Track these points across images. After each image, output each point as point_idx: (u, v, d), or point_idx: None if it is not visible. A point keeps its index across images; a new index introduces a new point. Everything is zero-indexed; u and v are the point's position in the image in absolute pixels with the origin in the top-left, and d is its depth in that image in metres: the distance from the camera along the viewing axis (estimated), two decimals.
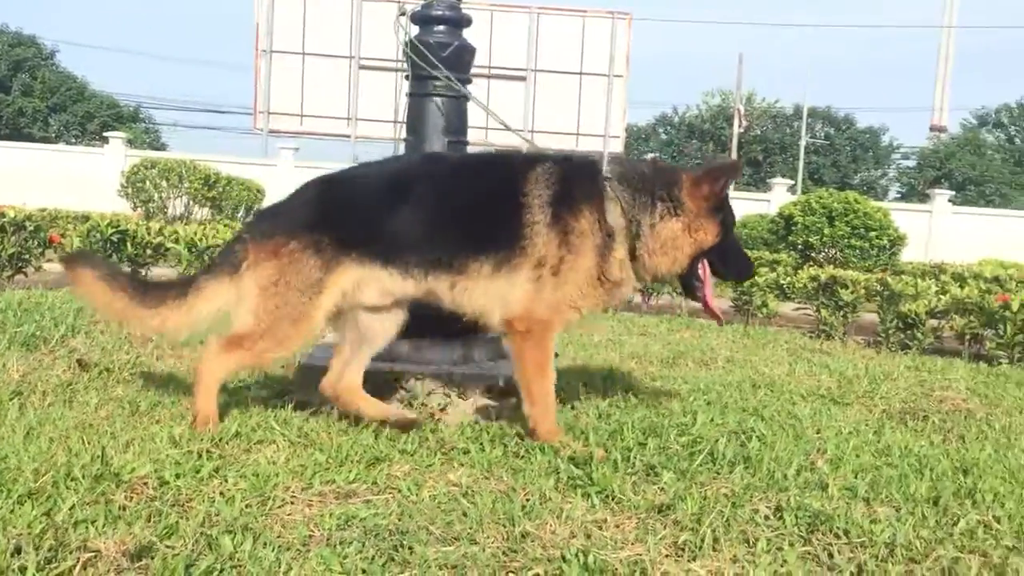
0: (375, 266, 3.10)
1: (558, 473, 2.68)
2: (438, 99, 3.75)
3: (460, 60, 3.76)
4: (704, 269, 3.23)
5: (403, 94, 3.87)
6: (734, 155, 39.86)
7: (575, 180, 3.14)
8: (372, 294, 3.16)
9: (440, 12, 3.76)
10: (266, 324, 3.04)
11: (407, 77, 3.82)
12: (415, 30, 3.78)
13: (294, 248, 3.05)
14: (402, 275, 3.10)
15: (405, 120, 3.82)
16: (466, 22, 3.85)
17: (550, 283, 3.04)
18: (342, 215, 3.15)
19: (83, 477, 2.34)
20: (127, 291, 3.19)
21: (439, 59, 3.71)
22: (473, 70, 3.91)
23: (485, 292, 3.07)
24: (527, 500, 2.45)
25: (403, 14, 3.81)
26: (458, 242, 3.10)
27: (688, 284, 3.27)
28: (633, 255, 3.14)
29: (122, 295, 3.18)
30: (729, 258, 3.29)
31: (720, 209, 3.18)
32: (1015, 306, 5.83)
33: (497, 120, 3.87)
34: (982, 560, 2.21)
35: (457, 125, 3.80)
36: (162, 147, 41.03)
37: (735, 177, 3.59)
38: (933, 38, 52.19)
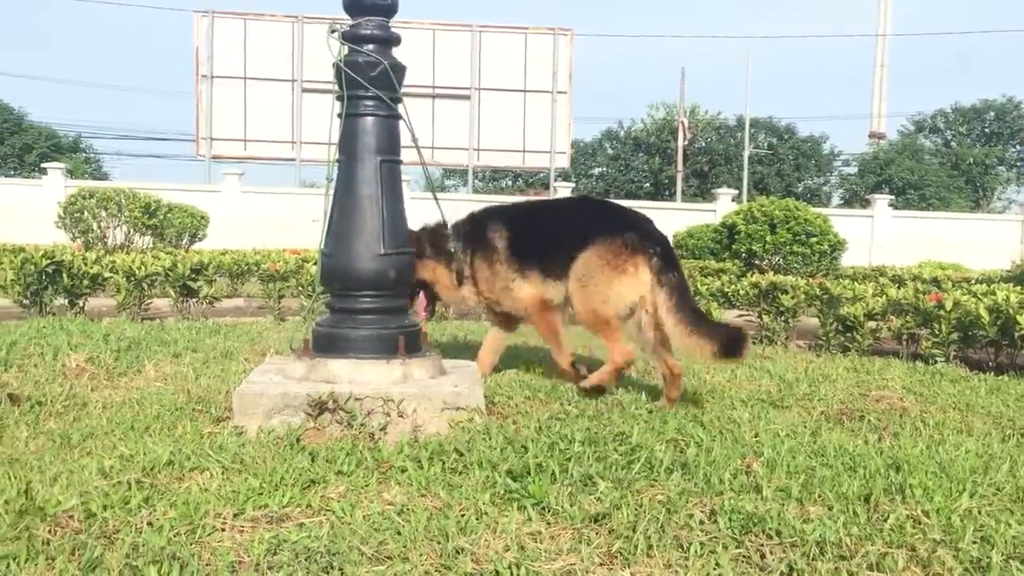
0: None
1: (495, 487, 2.67)
2: (369, 118, 3.75)
3: (390, 78, 3.76)
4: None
5: (336, 114, 3.86)
6: (680, 167, 40.33)
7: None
8: None
9: (369, 31, 3.76)
10: None
11: (338, 97, 3.81)
12: (345, 49, 3.77)
13: None
14: None
15: (337, 140, 3.81)
16: (396, 41, 3.85)
17: None
18: None
19: (6, 512, 2.29)
20: None
21: (369, 78, 3.71)
22: (418, 89, 3.92)
23: None
24: (462, 516, 2.44)
25: (334, 31, 3.81)
26: None
27: None
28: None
29: None
30: None
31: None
32: (949, 305, 5.96)
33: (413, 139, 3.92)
34: (910, 554, 2.25)
35: (389, 144, 3.79)
36: (104, 177, 40.36)
37: None
38: (869, 47, 53.35)
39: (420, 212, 4.51)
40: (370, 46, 3.76)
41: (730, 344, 3.95)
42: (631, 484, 2.72)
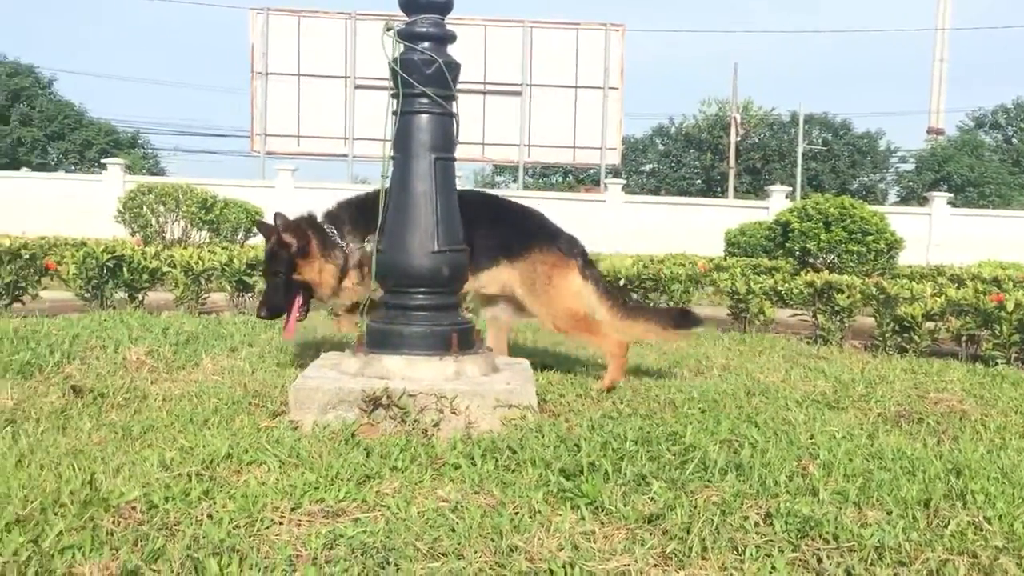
0: None
1: (548, 485, 2.68)
2: (424, 116, 3.77)
3: (445, 77, 3.78)
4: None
5: (391, 111, 3.89)
6: (732, 163, 39.92)
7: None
8: None
9: (424, 29, 3.78)
10: None
11: (393, 95, 3.84)
12: (400, 47, 3.79)
13: None
14: None
15: (392, 138, 3.83)
16: (451, 38, 3.87)
17: None
18: None
19: (71, 503, 2.35)
20: None
21: (424, 76, 3.73)
22: (469, 86, 3.93)
23: None
24: (516, 514, 2.45)
25: (389, 30, 3.83)
26: None
27: None
28: None
29: None
30: None
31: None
32: (1010, 306, 5.83)
33: None
34: (971, 561, 2.21)
35: (443, 142, 3.81)
36: (161, 172, 41.27)
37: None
38: (928, 41, 52.22)
39: None
40: (425, 44, 3.78)
41: (681, 319, 4.60)
42: (685, 485, 2.70)
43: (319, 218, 4.34)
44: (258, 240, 14.14)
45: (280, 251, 4.14)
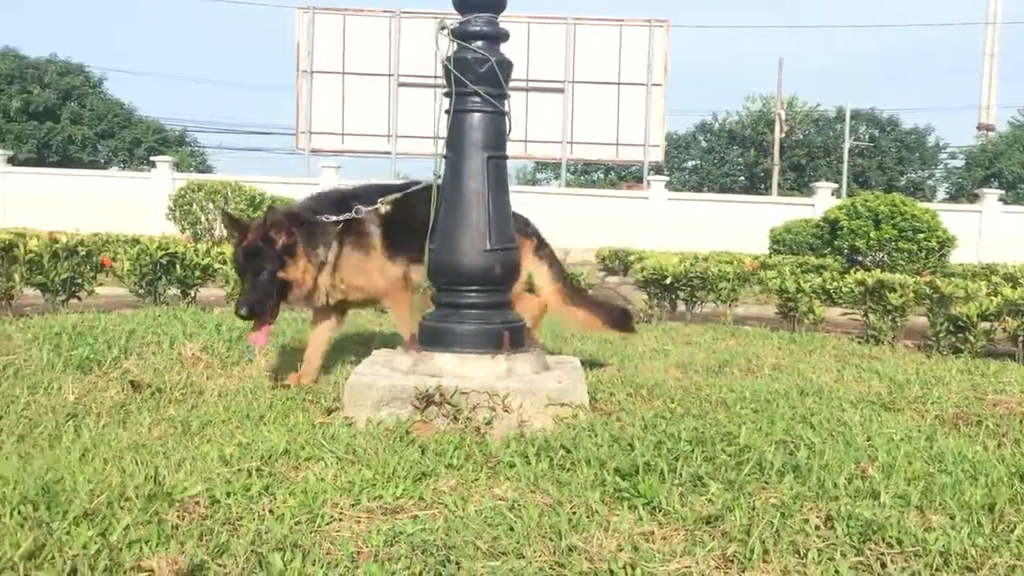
0: None
1: (604, 485, 2.67)
2: (477, 115, 3.78)
3: (497, 76, 3.78)
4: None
5: (443, 110, 3.90)
6: (776, 160, 39.49)
7: None
8: None
9: (478, 28, 3.78)
10: None
11: (446, 94, 3.85)
12: (453, 46, 3.80)
13: None
14: None
15: (445, 136, 3.84)
16: (504, 37, 3.87)
17: None
18: None
19: (136, 497, 2.39)
20: None
21: (477, 75, 3.74)
22: (512, 83, 3.92)
23: None
24: (573, 513, 2.44)
25: (444, 28, 3.84)
26: None
27: None
28: None
29: None
30: None
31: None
32: None
33: None
34: None
35: (495, 140, 3.82)
36: (208, 169, 41.79)
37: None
38: (978, 35, 51.23)
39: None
40: (479, 43, 3.78)
41: (622, 319, 4.73)
42: (742, 486, 2.68)
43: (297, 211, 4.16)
44: None
45: (265, 248, 3.90)
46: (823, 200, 22.35)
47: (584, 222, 21.98)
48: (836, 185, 27.86)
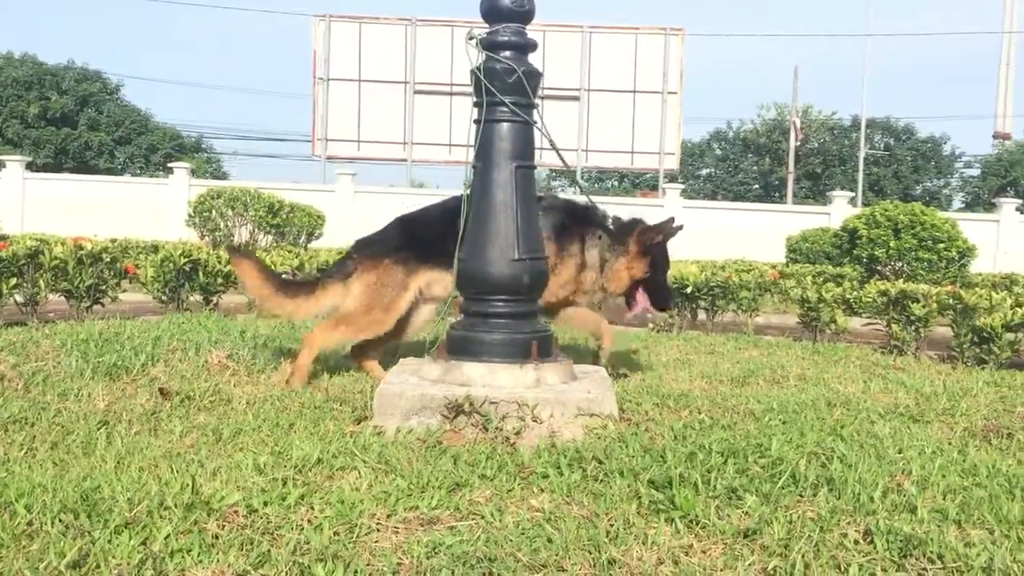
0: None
1: (639, 497, 2.66)
2: (505, 125, 3.78)
3: (525, 86, 3.79)
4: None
5: (472, 120, 3.90)
6: (791, 168, 39.40)
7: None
8: (439, 290, 4.43)
9: (506, 38, 3.79)
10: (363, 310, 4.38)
11: (475, 104, 3.86)
12: (482, 56, 3.81)
13: (388, 262, 4.42)
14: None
15: (474, 146, 3.85)
16: (532, 47, 3.88)
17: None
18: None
19: (175, 506, 2.39)
20: (273, 283, 4.56)
21: (505, 85, 3.75)
22: (537, 93, 3.93)
23: None
24: (611, 525, 2.44)
25: (472, 39, 3.85)
26: None
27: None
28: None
29: (269, 285, 4.53)
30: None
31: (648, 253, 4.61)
32: None
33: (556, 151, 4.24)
34: None
35: (523, 150, 3.82)
36: (223, 176, 41.94)
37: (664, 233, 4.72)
38: (995, 44, 51.01)
39: None
40: (507, 53, 3.79)
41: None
42: (778, 499, 2.67)
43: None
44: (319, 244, 14.36)
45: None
46: (840, 209, 22.27)
47: None
48: (853, 194, 27.77)
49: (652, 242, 4.63)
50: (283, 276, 6.16)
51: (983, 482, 2.96)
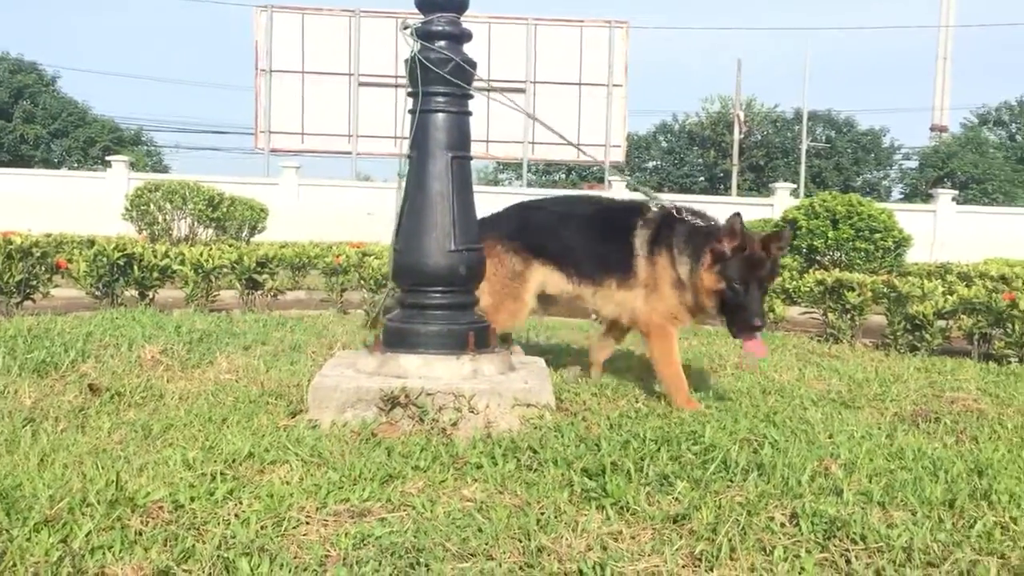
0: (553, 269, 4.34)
1: (572, 485, 2.68)
2: (441, 115, 3.77)
3: (462, 75, 3.78)
4: None
5: (407, 110, 3.88)
6: (735, 161, 39.88)
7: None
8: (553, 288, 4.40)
9: (441, 28, 3.77)
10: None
11: (410, 94, 3.84)
12: (417, 45, 3.78)
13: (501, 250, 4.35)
14: (567, 279, 4.34)
15: (409, 136, 3.83)
16: (467, 37, 3.87)
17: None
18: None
19: (98, 503, 2.35)
20: None
21: (440, 75, 3.73)
22: (472, 83, 3.92)
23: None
24: (542, 514, 2.45)
25: (406, 28, 3.82)
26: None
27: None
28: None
29: None
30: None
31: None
32: (1023, 304, 5.82)
33: (557, 134, 4.60)
34: (1000, 562, 2.21)
35: (460, 140, 3.81)
36: (164, 169, 41.24)
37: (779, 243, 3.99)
38: (931, 38, 52.12)
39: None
40: (442, 42, 3.77)
41: None
42: (708, 485, 2.70)
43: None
44: (262, 238, 14.18)
45: (768, 258, 3.92)
46: (782, 200, 22.59)
47: None
48: (795, 186, 28.21)
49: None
50: None
51: (908, 465, 3.03)
